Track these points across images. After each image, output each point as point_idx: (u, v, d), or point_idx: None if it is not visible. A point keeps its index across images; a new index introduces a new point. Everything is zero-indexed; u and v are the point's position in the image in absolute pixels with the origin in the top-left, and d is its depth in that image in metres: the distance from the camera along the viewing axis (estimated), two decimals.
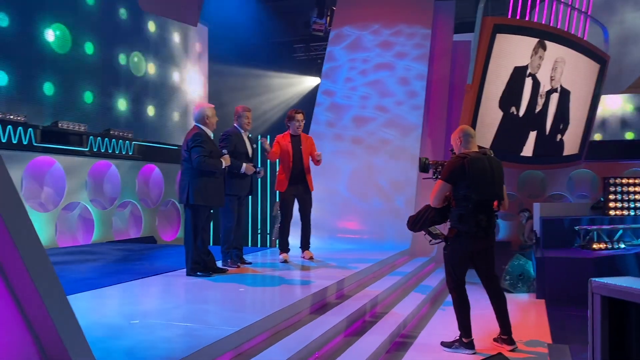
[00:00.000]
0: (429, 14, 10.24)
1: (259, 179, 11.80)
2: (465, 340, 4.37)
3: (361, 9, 10.50)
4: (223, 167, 5.30)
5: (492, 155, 4.43)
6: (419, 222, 4.56)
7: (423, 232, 4.68)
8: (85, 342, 2.20)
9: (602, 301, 1.12)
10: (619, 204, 8.50)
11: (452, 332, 4.59)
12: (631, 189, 8.55)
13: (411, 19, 10.18)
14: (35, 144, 8.20)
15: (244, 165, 5.77)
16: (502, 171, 4.40)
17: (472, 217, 4.20)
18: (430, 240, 4.65)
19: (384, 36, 10.17)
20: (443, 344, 4.50)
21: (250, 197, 6.24)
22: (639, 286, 1.13)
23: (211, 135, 5.38)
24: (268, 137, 13.34)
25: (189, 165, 5.20)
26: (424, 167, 4.75)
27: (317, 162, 6.41)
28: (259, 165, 6.04)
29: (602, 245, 7.54)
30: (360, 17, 10.40)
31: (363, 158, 9.20)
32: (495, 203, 4.31)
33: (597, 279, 1.16)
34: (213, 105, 5.48)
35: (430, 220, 4.50)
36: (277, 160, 6.42)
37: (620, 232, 7.99)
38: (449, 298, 6.64)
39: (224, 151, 5.45)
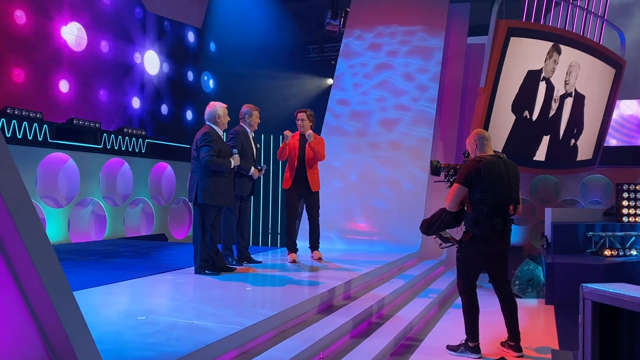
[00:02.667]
0: (443, 16, 10.22)
1: (267, 179, 11.85)
2: (471, 345, 4.35)
3: (375, 10, 10.51)
4: (232, 166, 5.33)
5: (508, 159, 4.41)
6: (433, 225, 4.55)
7: (434, 236, 4.67)
8: (90, 336, 2.24)
9: (593, 307, 1.12)
10: (632, 211, 8.39)
11: (459, 335, 4.58)
12: None
13: (425, 21, 10.16)
14: (50, 141, 8.31)
15: (252, 169, 5.82)
16: (519, 175, 4.37)
17: (487, 221, 4.18)
18: (441, 244, 4.63)
19: (398, 38, 10.16)
20: (449, 347, 4.49)
21: (252, 197, 6.25)
22: (630, 293, 1.13)
23: (222, 134, 5.42)
24: (280, 136, 13.38)
25: (198, 164, 5.24)
26: (435, 170, 4.73)
27: (312, 152, 6.32)
28: (262, 163, 6.08)
29: (614, 252, 7.46)
30: (374, 19, 10.41)
31: (373, 160, 9.20)
32: (511, 207, 4.28)
33: (588, 285, 1.15)
34: (226, 105, 5.51)
35: (445, 224, 4.48)
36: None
37: (633, 239, 7.89)
38: (457, 301, 6.66)
39: (234, 150, 5.48)
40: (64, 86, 9.16)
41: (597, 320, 1.14)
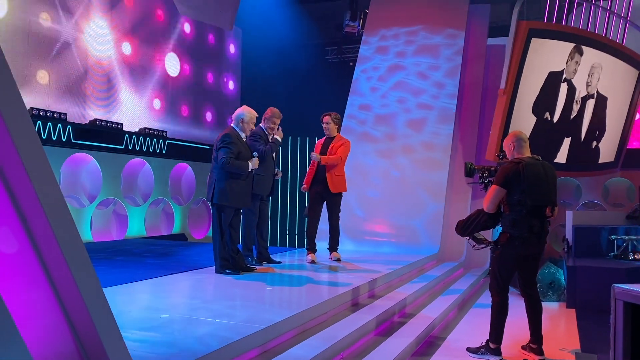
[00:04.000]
0: (463, 17, 10.16)
1: (285, 180, 11.85)
2: (492, 346, 4.34)
3: (394, 11, 10.49)
4: (250, 169, 5.35)
5: (545, 162, 4.40)
6: (470, 226, 4.54)
7: (467, 237, 4.66)
8: (119, 332, 2.29)
9: (625, 307, 1.12)
10: None
11: (480, 336, 4.57)
12: None
13: (445, 23, 10.12)
14: (74, 141, 8.46)
15: (254, 159, 5.74)
16: (556, 177, 4.37)
17: (525, 223, 4.18)
18: (474, 246, 4.62)
19: (417, 39, 10.13)
20: (469, 349, 4.47)
21: (270, 197, 6.30)
22: None
23: (243, 136, 5.45)
24: (299, 137, 13.43)
25: (217, 164, 5.29)
26: (469, 172, 4.73)
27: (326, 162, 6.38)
28: (279, 167, 6.13)
29: (637, 256, 7.36)
30: (393, 20, 10.40)
31: (393, 161, 9.19)
32: (548, 209, 4.27)
33: (620, 285, 1.16)
34: (255, 114, 5.54)
35: (481, 225, 4.48)
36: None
37: None
38: (478, 302, 6.64)
39: (255, 154, 5.50)
40: (87, 87, 9.31)
41: (629, 321, 1.14)
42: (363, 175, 9.07)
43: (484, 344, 4.40)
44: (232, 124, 5.49)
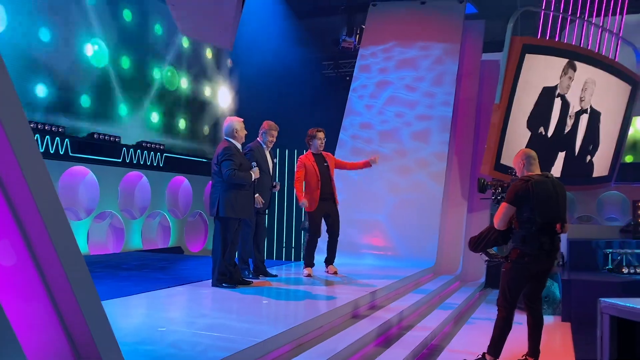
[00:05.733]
0: (458, 32, 10.29)
1: (282, 194, 11.85)
2: (488, 359, 4.36)
3: (390, 27, 10.61)
4: (252, 179, 5.42)
5: (555, 178, 4.45)
6: (481, 242, 4.60)
7: (480, 253, 4.71)
8: (116, 344, 2.31)
9: (611, 321, 1.16)
10: None
11: (476, 349, 4.59)
12: None
13: (440, 38, 10.24)
14: (72, 154, 8.49)
15: (255, 169, 5.83)
16: (566, 194, 4.40)
17: (535, 239, 4.21)
18: (487, 261, 4.67)
19: (413, 54, 10.24)
20: None
21: (268, 211, 6.33)
22: None
23: (240, 147, 5.51)
24: (295, 151, 13.48)
25: (219, 178, 5.32)
26: (482, 187, 4.79)
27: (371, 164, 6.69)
28: (276, 179, 6.18)
29: (632, 270, 7.41)
30: (389, 36, 10.51)
31: (388, 175, 9.24)
32: (558, 225, 4.30)
33: (606, 299, 1.18)
34: (242, 119, 5.61)
35: (493, 242, 4.55)
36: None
37: None
38: (473, 315, 6.66)
39: (254, 164, 5.56)
40: (85, 101, 9.36)
41: (615, 334, 1.18)
42: (360, 189, 9.11)
43: (480, 356, 4.42)
44: (225, 137, 5.53)
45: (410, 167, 9.23)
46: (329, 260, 6.66)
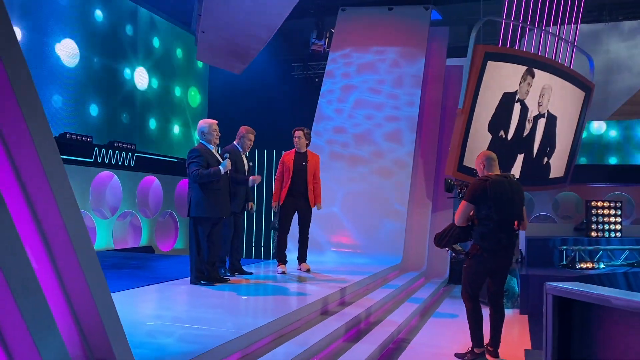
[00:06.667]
0: (423, 38, 10.68)
1: (254, 194, 11.99)
2: (477, 351, 4.66)
3: (359, 32, 10.92)
4: (223, 172, 5.48)
5: (514, 179, 4.78)
6: (444, 238, 4.92)
7: (446, 248, 5.02)
8: (123, 332, 2.53)
9: (553, 300, 1.45)
10: (600, 226, 8.92)
11: (441, 341, 4.94)
12: (612, 211, 8.97)
13: (407, 43, 10.60)
14: None
15: (250, 179, 6.11)
16: (523, 193, 4.71)
17: (493, 236, 4.52)
18: (453, 256, 4.97)
19: (380, 59, 10.58)
20: (457, 355, 4.79)
21: (245, 212, 6.54)
22: (581, 288, 1.47)
23: (212, 148, 5.65)
24: (265, 151, 13.70)
25: (190, 179, 5.51)
26: (449, 187, 5.09)
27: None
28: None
29: (584, 265, 7.94)
30: (358, 40, 10.82)
31: (357, 176, 9.55)
32: (516, 223, 4.64)
33: (550, 283, 1.47)
34: (213, 121, 5.70)
35: (454, 238, 4.85)
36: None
37: (601, 252, 8.40)
38: (438, 310, 7.04)
39: (226, 155, 5.68)
40: (56, 101, 9.38)
41: (556, 312, 1.46)
42: (331, 189, 9.39)
43: (470, 349, 4.72)
44: (199, 139, 5.70)
45: (381, 168, 9.56)
46: (301, 258, 6.92)
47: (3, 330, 1.89)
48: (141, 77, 11.53)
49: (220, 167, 5.46)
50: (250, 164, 6.52)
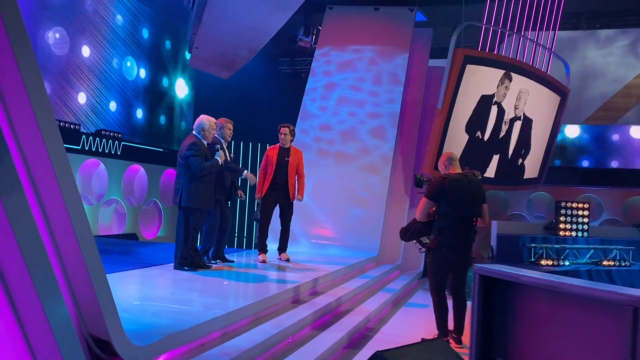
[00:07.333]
0: (407, 38, 10.99)
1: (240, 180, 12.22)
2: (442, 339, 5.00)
3: (345, 30, 11.21)
4: (220, 163, 5.80)
5: (477, 177, 5.07)
6: (407, 232, 5.24)
7: (415, 242, 5.32)
8: (116, 311, 2.82)
9: (480, 279, 1.74)
10: (568, 226, 9.34)
11: (410, 330, 5.27)
12: (580, 212, 9.40)
13: (391, 43, 10.92)
14: None
15: (245, 172, 6.39)
16: (481, 191, 4.98)
17: (450, 231, 4.80)
18: (420, 249, 5.27)
19: (362, 57, 10.87)
20: (423, 340, 5.11)
21: (229, 202, 6.81)
22: (503, 269, 1.77)
23: (205, 144, 5.94)
24: (250, 144, 13.95)
25: (182, 170, 5.75)
26: (419, 183, 5.39)
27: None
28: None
29: (549, 262, 8.36)
30: (344, 39, 11.10)
31: (339, 171, 9.87)
32: (479, 220, 4.94)
33: (478, 264, 1.75)
34: (214, 120, 6.01)
35: (417, 232, 5.15)
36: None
37: (567, 251, 8.83)
38: (410, 301, 7.40)
39: (217, 147, 5.94)
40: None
41: (482, 289, 1.76)
42: (310, 181, 9.69)
43: (435, 337, 5.02)
44: (194, 132, 5.96)
45: (362, 164, 9.89)
46: (281, 248, 7.22)
47: (15, 296, 2.16)
48: (130, 67, 11.70)
49: (216, 157, 5.76)
50: (232, 155, 6.76)
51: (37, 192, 2.50)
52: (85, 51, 10.46)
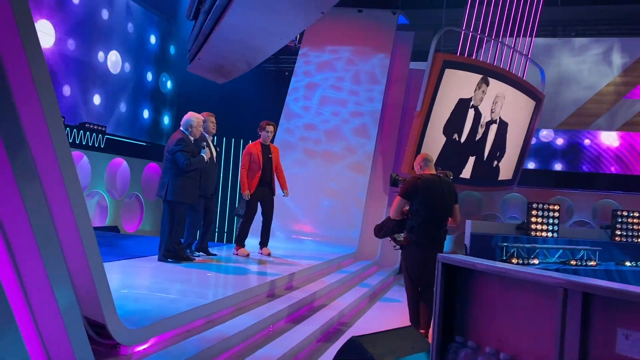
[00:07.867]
0: (389, 41, 11.26)
1: (221, 179, 12.37)
2: None
3: (329, 31, 11.41)
4: (206, 160, 6.01)
5: (450, 178, 5.32)
6: (382, 230, 5.45)
7: (389, 239, 5.53)
8: (111, 297, 3.02)
9: (442, 267, 1.97)
10: (539, 226, 9.72)
11: (384, 324, 5.51)
12: (550, 213, 9.78)
13: (373, 45, 11.17)
14: None
15: (205, 150, 6.52)
16: (453, 191, 5.22)
17: (420, 229, 5.01)
18: (395, 246, 5.48)
19: (347, 59, 11.12)
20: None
21: (214, 196, 6.99)
22: (464, 258, 2.01)
23: (192, 140, 6.12)
24: (232, 140, 14.11)
25: (169, 165, 5.93)
26: (394, 182, 5.61)
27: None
28: (221, 166, 6.83)
29: (519, 261, 8.71)
30: (327, 39, 11.33)
31: (319, 169, 10.12)
32: (451, 219, 5.18)
33: (442, 254, 1.96)
34: (201, 117, 6.20)
35: (390, 229, 5.34)
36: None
37: (537, 250, 9.20)
38: (386, 295, 7.67)
39: (203, 144, 6.16)
40: None
41: (444, 277, 1.99)
42: (291, 179, 9.91)
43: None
44: (181, 128, 6.14)
45: (344, 163, 10.14)
46: (263, 243, 7.44)
47: (25, 278, 2.35)
48: (115, 61, 11.78)
49: (202, 154, 5.95)
50: (217, 149, 6.95)
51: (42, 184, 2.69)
52: (71, 44, 10.52)
